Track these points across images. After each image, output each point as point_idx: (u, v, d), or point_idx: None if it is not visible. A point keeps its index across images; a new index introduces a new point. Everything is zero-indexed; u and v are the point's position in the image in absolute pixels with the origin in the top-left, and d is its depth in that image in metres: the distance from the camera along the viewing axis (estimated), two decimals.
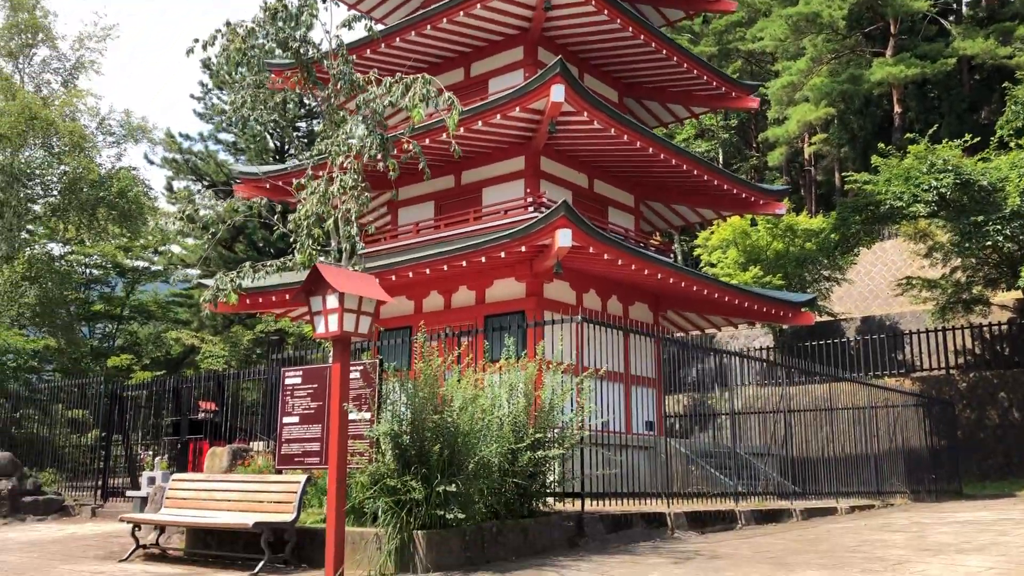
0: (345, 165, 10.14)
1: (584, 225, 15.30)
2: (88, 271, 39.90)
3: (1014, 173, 19.58)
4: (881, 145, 23.70)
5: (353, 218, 9.90)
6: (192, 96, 40.96)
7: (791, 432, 14.97)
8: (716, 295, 19.22)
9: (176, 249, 44.51)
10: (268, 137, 41.91)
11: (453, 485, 8.12)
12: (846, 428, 17.27)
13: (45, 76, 28.09)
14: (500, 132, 18.33)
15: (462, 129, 17.39)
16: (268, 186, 21.40)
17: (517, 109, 16.95)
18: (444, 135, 17.32)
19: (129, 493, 14.72)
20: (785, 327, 28.65)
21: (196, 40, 11.09)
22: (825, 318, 29.70)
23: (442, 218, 20.29)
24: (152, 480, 14.40)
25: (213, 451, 11.94)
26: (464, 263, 16.69)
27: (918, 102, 37.10)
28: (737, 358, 14.55)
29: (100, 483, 16.26)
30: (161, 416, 16.92)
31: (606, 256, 16.12)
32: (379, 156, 9.99)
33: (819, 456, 15.99)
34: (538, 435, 9.15)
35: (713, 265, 30.55)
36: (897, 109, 36.44)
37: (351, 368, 9.51)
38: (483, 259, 16.51)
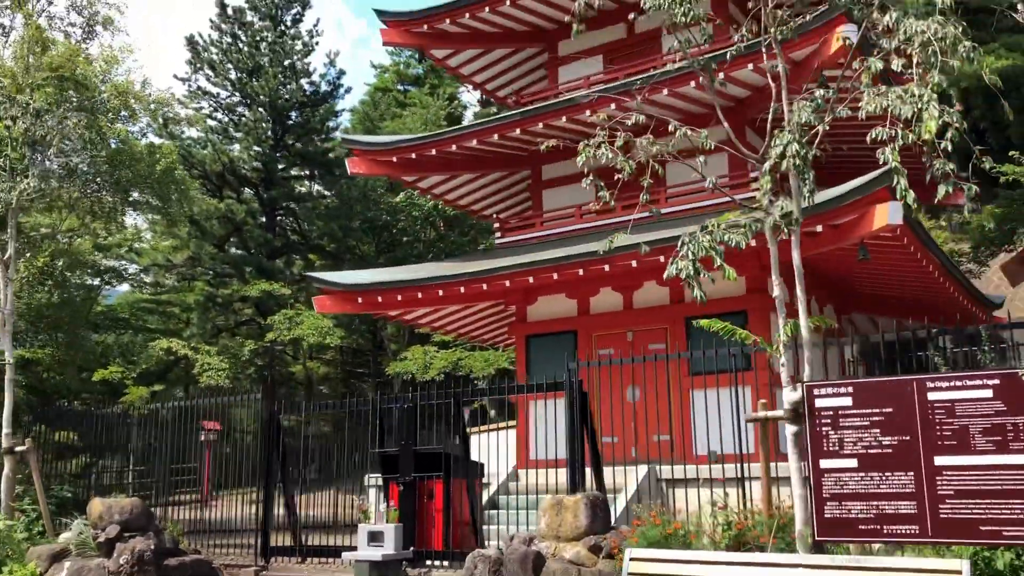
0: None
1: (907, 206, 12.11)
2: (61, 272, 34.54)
3: None
4: None
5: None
6: (176, 77, 36.13)
7: None
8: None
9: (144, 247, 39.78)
10: (265, 124, 37.40)
11: None
12: None
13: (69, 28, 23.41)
14: None
15: None
16: (395, 160, 17.53)
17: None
18: None
19: (347, 555, 10.67)
20: None
21: None
22: None
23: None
24: (374, 536, 10.54)
25: (560, 502, 8.23)
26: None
27: None
28: None
29: (260, 540, 12.17)
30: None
31: (912, 249, 12.91)
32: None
33: None
34: None
35: None
36: None
37: (974, 384, 6.19)
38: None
